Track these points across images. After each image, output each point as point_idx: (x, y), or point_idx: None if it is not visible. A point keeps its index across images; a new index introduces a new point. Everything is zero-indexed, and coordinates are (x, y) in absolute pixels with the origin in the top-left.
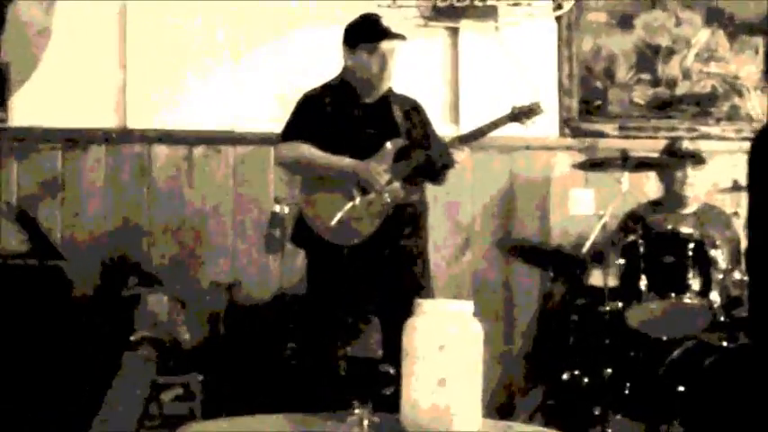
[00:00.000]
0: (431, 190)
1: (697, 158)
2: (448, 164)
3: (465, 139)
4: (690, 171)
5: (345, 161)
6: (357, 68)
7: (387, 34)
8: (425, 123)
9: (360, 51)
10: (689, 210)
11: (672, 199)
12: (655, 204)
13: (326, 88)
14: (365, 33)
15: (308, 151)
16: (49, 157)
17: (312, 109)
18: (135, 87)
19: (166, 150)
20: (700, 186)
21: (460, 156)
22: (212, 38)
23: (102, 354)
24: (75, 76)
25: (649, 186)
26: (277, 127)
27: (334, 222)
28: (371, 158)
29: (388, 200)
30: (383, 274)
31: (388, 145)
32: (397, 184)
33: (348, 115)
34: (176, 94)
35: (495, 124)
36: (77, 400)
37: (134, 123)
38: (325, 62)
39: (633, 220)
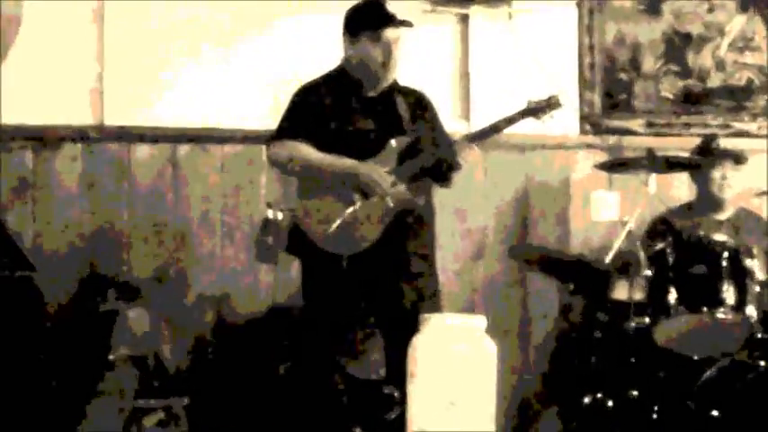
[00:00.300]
0: (438, 193)
1: (737, 158)
2: (453, 165)
3: (476, 138)
4: (728, 172)
5: (345, 162)
6: (359, 58)
7: (392, 21)
8: (433, 118)
9: (362, 40)
10: (724, 215)
11: (705, 203)
12: (686, 209)
13: (325, 80)
14: (368, 20)
15: (305, 151)
16: (18, 157)
17: (309, 103)
18: (113, 80)
19: (148, 149)
20: (735, 189)
21: (469, 155)
22: (197, 26)
23: (77, 374)
24: (47, 68)
25: (679, 189)
26: (270, 123)
27: (332, 230)
28: (374, 159)
29: (392, 205)
30: (386, 286)
31: (392, 143)
32: (401, 187)
33: (349, 110)
34: (158, 87)
35: (509, 120)
36: (51, 426)
37: (112, 120)
38: (323, 52)
39: (662, 226)
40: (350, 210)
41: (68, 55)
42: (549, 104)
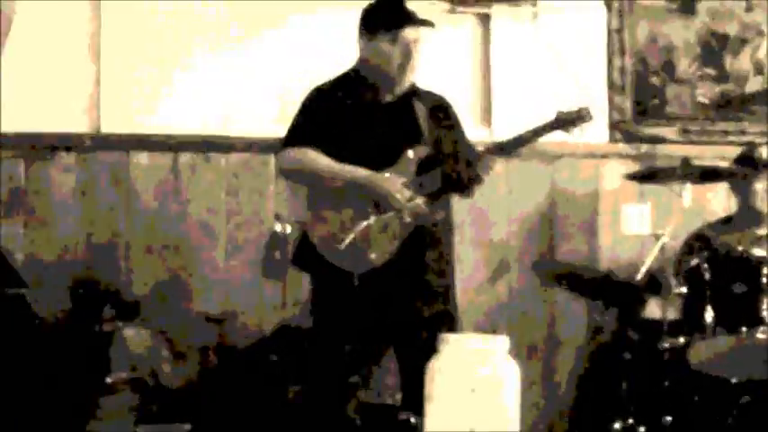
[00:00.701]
0: (458, 204)
1: None
2: (474, 179)
3: (500, 151)
4: None
5: (360, 172)
6: (376, 60)
7: (412, 20)
8: (454, 126)
9: (379, 39)
10: (766, 229)
11: (746, 216)
12: (724, 223)
13: (339, 83)
14: (387, 18)
15: (317, 160)
16: (10, 167)
17: (321, 108)
18: (110, 85)
19: (147, 158)
20: None
21: (493, 167)
22: (201, 26)
23: (72, 398)
24: (41, 72)
25: (716, 201)
26: (277, 130)
27: (343, 245)
28: (390, 169)
29: (408, 220)
30: (401, 305)
31: (410, 154)
32: (419, 201)
33: (364, 116)
34: (159, 92)
35: (535, 133)
36: None
37: (109, 127)
38: (336, 53)
39: (698, 242)
40: (363, 224)
41: (63, 58)
42: (580, 117)
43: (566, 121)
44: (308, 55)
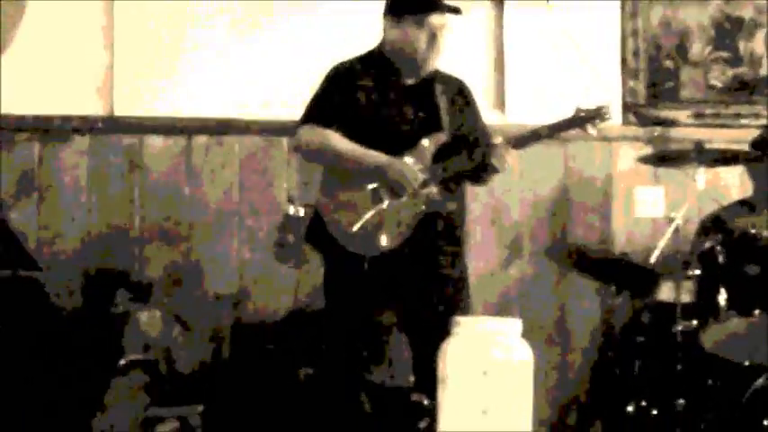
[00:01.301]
0: (471, 188)
1: None
2: (489, 169)
3: (516, 144)
4: None
5: (376, 156)
6: (400, 43)
7: (439, 6)
8: (472, 112)
9: (406, 22)
10: None
11: (763, 200)
12: (741, 206)
13: (362, 61)
14: (414, 2)
15: (335, 140)
16: (23, 150)
17: (342, 87)
18: (123, 68)
19: (161, 141)
20: None
21: (509, 160)
22: (215, 9)
23: (85, 381)
24: (54, 55)
25: (730, 184)
26: (293, 114)
27: (355, 228)
28: (407, 154)
29: (422, 207)
30: (413, 288)
31: (425, 142)
32: (433, 189)
33: (385, 97)
34: (172, 75)
35: (552, 129)
36: None
37: (122, 110)
38: (357, 36)
39: (715, 225)
40: (375, 209)
41: (76, 41)
42: (599, 114)
43: (584, 119)
44: (322, 37)
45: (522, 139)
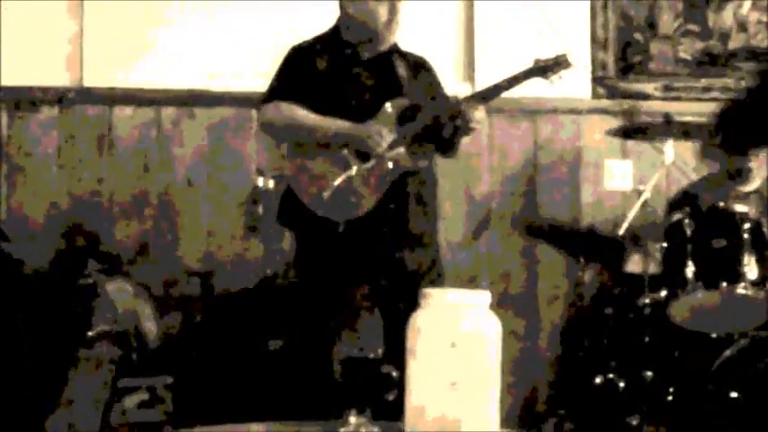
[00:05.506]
0: (441, 161)
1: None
2: (460, 127)
3: (479, 98)
4: None
5: (340, 123)
6: (360, 17)
7: None
8: (435, 85)
9: None
10: (751, 186)
11: (731, 173)
12: (710, 180)
13: (319, 40)
14: None
15: (299, 113)
16: None
17: (302, 64)
18: (92, 38)
19: (130, 113)
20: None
21: (476, 116)
22: None
23: (53, 353)
24: (23, 26)
25: (698, 158)
26: (261, 85)
27: (327, 195)
28: (370, 121)
29: (391, 166)
30: (384, 255)
31: (388, 106)
32: (401, 149)
33: (345, 73)
34: (142, 45)
35: (514, 79)
36: (25, 408)
37: (92, 81)
38: (320, 8)
39: (685, 198)
40: (346, 174)
41: (45, 11)
42: (558, 63)
43: (544, 69)
44: (291, 10)
45: (485, 93)
